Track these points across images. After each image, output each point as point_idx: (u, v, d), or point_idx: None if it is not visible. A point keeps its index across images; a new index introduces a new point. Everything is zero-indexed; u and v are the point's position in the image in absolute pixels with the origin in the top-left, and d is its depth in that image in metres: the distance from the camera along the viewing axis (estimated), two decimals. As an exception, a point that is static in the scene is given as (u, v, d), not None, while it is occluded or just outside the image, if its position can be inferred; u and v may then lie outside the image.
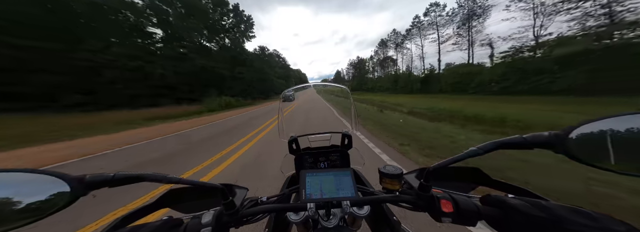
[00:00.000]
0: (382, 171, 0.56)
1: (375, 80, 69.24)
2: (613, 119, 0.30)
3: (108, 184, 0.34)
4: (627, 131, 0.29)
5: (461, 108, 11.48)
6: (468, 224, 0.40)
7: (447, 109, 11.29)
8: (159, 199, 0.54)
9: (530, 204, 0.34)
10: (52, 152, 5.17)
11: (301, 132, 0.99)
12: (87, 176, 0.33)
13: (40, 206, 0.30)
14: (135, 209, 0.48)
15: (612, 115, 0.31)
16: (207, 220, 0.40)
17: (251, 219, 0.47)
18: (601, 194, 1.98)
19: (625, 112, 0.30)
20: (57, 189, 0.31)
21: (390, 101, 20.59)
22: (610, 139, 0.30)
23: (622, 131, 0.30)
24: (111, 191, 0.37)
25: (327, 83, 1.43)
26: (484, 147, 0.39)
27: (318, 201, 0.45)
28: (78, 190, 0.32)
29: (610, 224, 0.28)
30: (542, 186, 2.20)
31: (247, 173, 3.12)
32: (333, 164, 0.93)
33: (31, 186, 0.31)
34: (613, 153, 0.30)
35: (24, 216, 0.29)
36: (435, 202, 0.42)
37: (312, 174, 0.52)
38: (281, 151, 1.36)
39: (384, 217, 0.62)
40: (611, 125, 0.30)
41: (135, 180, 0.36)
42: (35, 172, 0.31)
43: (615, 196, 1.94)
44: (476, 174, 0.57)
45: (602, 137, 0.31)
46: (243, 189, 0.54)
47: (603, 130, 0.31)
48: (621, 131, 0.30)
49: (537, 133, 0.35)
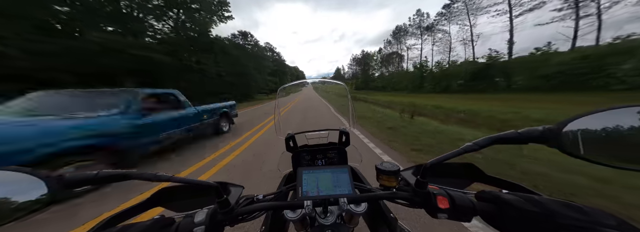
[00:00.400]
0: (379, 168, 0.56)
1: (387, 78, 56.30)
2: (606, 112, 0.31)
3: (90, 182, 0.33)
4: (620, 125, 0.30)
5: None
6: (463, 219, 0.40)
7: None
8: (150, 198, 0.53)
9: (524, 199, 0.35)
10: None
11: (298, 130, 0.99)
12: (66, 173, 0.31)
13: (13, 209, 0.26)
14: (126, 208, 0.47)
15: (606, 108, 0.31)
16: (200, 219, 0.40)
17: (247, 217, 0.46)
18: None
19: (618, 106, 0.30)
20: (32, 189, 0.27)
21: (423, 103, 14.18)
22: (604, 132, 0.30)
23: (616, 124, 0.30)
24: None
25: (325, 80, 1.42)
26: (480, 143, 0.40)
27: (315, 198, 0.45)
28: (56, 189, 0.29)
29: (601, 218, 0.29)
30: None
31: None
32: (330, 162, 0.93)
33: (5, 186, 0.27)
34: (607, 147, 0.30)
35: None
36: (431, 199, 0.42)
37: (309, 172, 0.51)
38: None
39: (381, 214, 0.62)
40: (604, 118, 0.31)
41: (121, 178, 0.35)
42: (8, 170, 0.28)
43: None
44: (471, 170, 0.57)
45: (595, 131, 0.31)
46: (238, 187, 0.53)
47: (596, 124, 0.31)
48: (614, 124, 0.30)
49: (531, 128, 0.36)
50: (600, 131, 0.31)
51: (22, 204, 0.27)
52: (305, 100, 16.57)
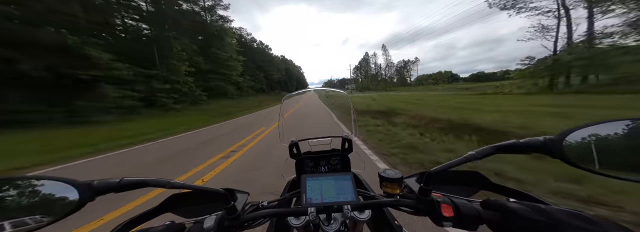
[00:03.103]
0: (382, 175, 0.56)
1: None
2: (608, 124, 0.31)
3: (114, 189, 0.35)
4: (622, 136, 0.30)
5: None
6: (469, 228, 0.40)
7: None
8: (161, 204, 0.54)
9: (531, 208, 0.35)
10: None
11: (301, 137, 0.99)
12: (94, 181, 0.34)
13: (51, 211, 0.32)
14: (138, 214, 0.49)
15: (607, 120, 0.31)
16: (209, 225, 0.41)
17: (252, 224, 0.47)
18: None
19: (620, 118, 0.31)
20: (66, 195, 0.32)
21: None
22: (606, 144, 0.31)
23: (617, 136, 0.30)
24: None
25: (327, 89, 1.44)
26: (482, 152, 0.40)
27: (319, 205, 0.45)
28: (86, 196, 0.33)
29: (609, 229, 0.29)
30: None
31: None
32: (334, 168, 0.94)
33: (42, 192, 0.32)
34: (609, 158, 0.30)
35: (35, 221, 0.30)
36: (435, 206, 0.42)
37: (313, 179, 0.52)
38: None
39: (385, 222, 0.62)
40: (607, 130, 0.31)
41: (140, 185, 0.37)
42: (46, 178, 0.33)
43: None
44: (476, 177, 0.57)
45: (597, 142, 0.31)
46: (244, 194, 0.54)
47: (599, 135, 0.31)
48: (616, 136, 0.30)
49: (533, 138, 0.36)
50: (602, 142, 0.31)
51: (59, 207, 0.32)
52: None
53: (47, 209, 0.31)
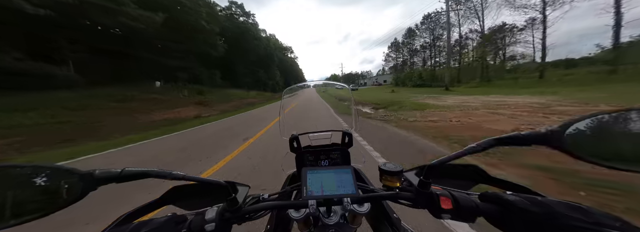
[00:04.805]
0: (382, 168, 0.56)
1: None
2: (611, 114, 0.31)
3: (116, 179, 0.35)
4: (625, 127, 0.30)
5: None
6: (467, 220, 0.41)
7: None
8: (162, 196, 0.55)
9: (528, 200, 0.35)
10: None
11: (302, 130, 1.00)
12: (96, 171, 0.35)
13: (53, 200, 0.32)
14: (139, 206, 0.49)
15: (608, 111, 0.31)
16: (210, 216, 0.41)
17: (253, 216, 0.47)
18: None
19: (623, 108, 0.30)
20: (69, 184, 0.32)
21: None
22: (608, 135, 0.30)
23: (620, 126, 0.30)
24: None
25: (328, 82, 1.44)
26: (483, 144, 0.40)
27: (319, 198, 0.46)
28: (88, 185, 0.33)
29: (604, 220, 0.29)
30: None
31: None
32: (334, 162, 0.94)
33: (45, 181, 0.32)
34: (611, 149, 0.30)
35: (37, 209, 0.30)
36: (434, 199, 0.42)
37: (313, 172, 0.52)
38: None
39: (384, 215, 0.62)
40: (608, 121, 0.31)
41: (141, 176, 0.37)
42: (48, 167, 0.32)
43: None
44: (475, 171, 0.57)
45: (599, 133, 0.31)
46: (245, 187, 0.54)
47: (600, 126, 0.31)
48: (619, 126, 0.30)
49: (534, 130, 0.36)
50: (604, 133, 0.31)
51: (62, 196, 0.32)
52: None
53: (49, 197, 0.32)
